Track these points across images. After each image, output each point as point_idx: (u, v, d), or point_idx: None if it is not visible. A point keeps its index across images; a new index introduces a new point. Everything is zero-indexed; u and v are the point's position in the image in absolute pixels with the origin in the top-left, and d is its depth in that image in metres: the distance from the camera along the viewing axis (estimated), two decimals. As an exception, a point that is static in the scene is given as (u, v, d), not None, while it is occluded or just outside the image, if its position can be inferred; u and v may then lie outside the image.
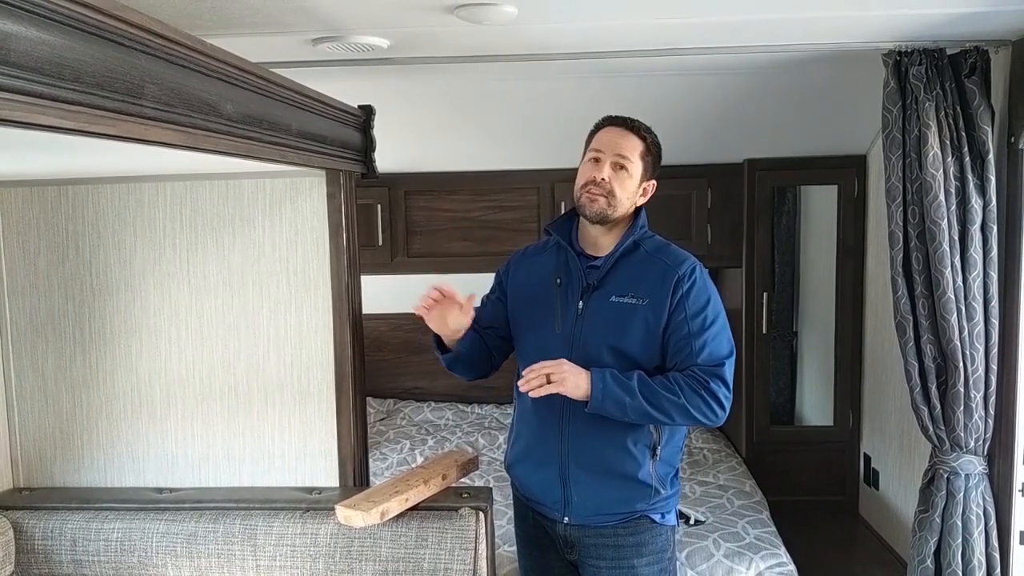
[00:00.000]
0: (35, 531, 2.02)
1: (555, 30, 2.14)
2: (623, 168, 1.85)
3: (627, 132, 1.88)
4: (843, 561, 3.35)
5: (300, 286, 2.16)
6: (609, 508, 1.90)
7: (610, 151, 1.86)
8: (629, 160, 1.85)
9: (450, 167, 3.75)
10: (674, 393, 1.77)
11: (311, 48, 2.20)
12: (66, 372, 2.20)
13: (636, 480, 1.87)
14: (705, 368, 1.80)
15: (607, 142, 1.87)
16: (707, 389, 1.79)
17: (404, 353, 4.63)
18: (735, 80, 2.87)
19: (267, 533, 1.99)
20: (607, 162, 1.85)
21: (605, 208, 1.85)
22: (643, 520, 1.91)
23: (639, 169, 1.87)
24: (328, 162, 1.98)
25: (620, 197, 1.85)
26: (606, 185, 1.84)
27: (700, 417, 1.79)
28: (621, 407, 1.76)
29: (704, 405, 1.78)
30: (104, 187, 2.15)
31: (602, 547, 1.92)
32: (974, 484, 2.37)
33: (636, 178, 1.87)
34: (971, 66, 2.25)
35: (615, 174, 1.85)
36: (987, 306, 2.30)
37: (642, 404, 1.76)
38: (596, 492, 1.89)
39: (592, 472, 1.89)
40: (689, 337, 1.82)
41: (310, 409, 2.19)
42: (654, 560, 1.93)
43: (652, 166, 1.91)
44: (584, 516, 1.91)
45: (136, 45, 1.12)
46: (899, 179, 2.34)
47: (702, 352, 1.81)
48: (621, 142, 1.86)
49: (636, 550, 1.91)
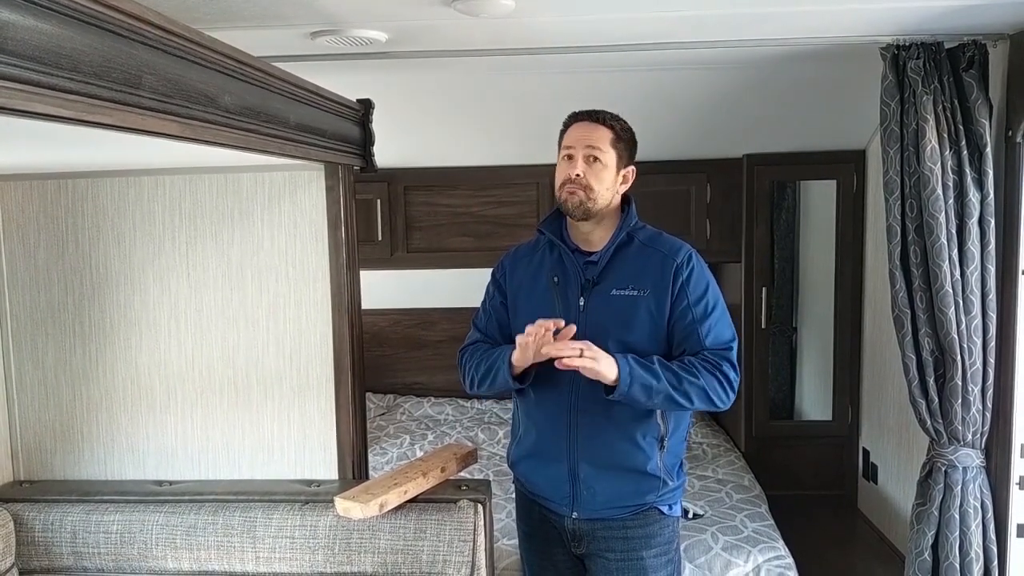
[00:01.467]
0: (35, 523, 2.03)
1: (553, 23, 2.15)
2: (596, 160, 1.86)
3: (594, 124, 1.88)
4: (841, 555, 3.36)
5: (299, 280, 2.16)
6: (620, 501, 1.91)
7: (580, 145, 1.87)
8: (601, 151, 1.86)
9: (449, 162, 3.74)
10: (694, 375, 1.79)
11: (310, 42, 2.20)
12: (66, 365, 2.21)
13: (646, 473, 1.89)
14: (715, 351, 1.83)
15: (576, 137, 1.89)
16: (720, 371, 1.82)
17: (404, 348, 4.64)
18: (734, 75, 2.87)
19: (266, 525, 1.99)
20: (579, 157, 1.87)
21: (585, 202, 1.86)
22: (652, 512, 1.93)
23: (612, 158, 1.88)
24: (327, 155, 1.98)
25: (599, 190, 1.86)
26: (582, 180, 1.85)
27: (716, 399, 1.81)
28: (648, 391, 1.76)
29: (720, 387, 1.81)
30: (103, 181, 2.16)
31: (611, 540, 1.93)
32: (972, 477, 2.37)
33: (611, 167, 1.88)
34: (969, 60, 2.25)
35: (589, 168, 1.86)
36: (985, 299, 2.30)
37: (667, 387, 1.77)
38: (606, 487, 1.90)
39: (602, 468, 1.89)
40: (694, 323, 1.84)
41: (309, 402, 2.20)
42: (662, 552, 1.94)
43: (626, 152, 1.91)
44: (593, 510, 1.92)
45: (134, 36, 1.13)
46: (897, 173, 2.34)
47: (708, 336, 1.84)
48: (590, 135, 1.87)
49: (645, 542, 1.92)
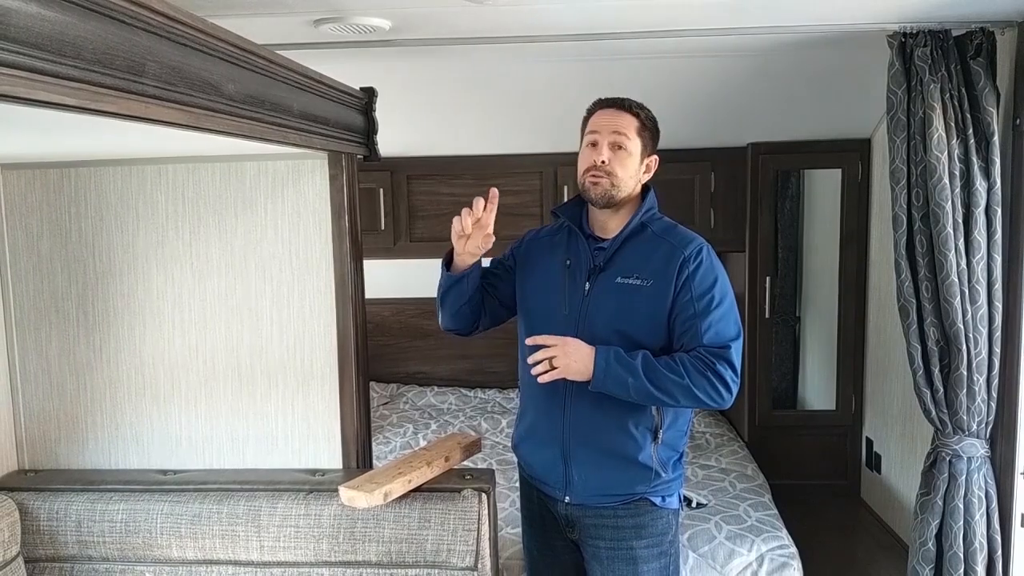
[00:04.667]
0: (40, 512, 2.04)
1: (556, 10, 2.13)
2: (621, 148, 1.85)
3: (620, 111, 1.87)
4: (845, 544, 3.37)
5: (302, 269, 2.16)
6: (609, 489, 1.90)
7: (606, 132, 1.86)
8: (627, 138, 1.85)
9: (453, 151, 3.74)
10: (678, 374, 1.76)
11: (313, 29, 2.19)
12: (70, 354, 2.21)
13: (636, 462, 1.87)
14: (711, 350, 1.79)
15: (602, 124, 1.87)
16: (713, 371, 1.77)
17: (407, 338, 4.64)
18: (739, 63, 2.86)
19: (271, 514, 2.00)
20: (604, 143, 1.85)
21: (609, 189, 1.85)
22: (643, 502, 1.91)
23: (638, 146, 1.87)
24: (330, 144, 1.97)
25: (623, 177, 1.85)
26: (607, 167, 1.84)
27: (706, 399, 1.78)
28: (623, 386, 1.76)
29: (710, 387, 1.77)
30: (106, 169, 2.15)
31: (602, 527, 1.93)
32: (976, 467, 2.37)
33: (636, 155, 1.87)
34: (976, 47, 2.23)
35: (614, 155, 1.85)
36: (991, 289, 2.29)
37: (645, 384, 1.75)
38: (597, 473, 1.90)
39: (593, 452, 1.89)
40: (695, 318, 1.81)
41: (313, 391, 2.20)
42: (653, 543, 1.93)
43: (651, 141, 1.90)
44: (585, 496, 1.92)
45: (137, 23, 1.12)
46: (903, 161, 2.33)
47: (707, 333, 1.80)
48: (616, 121, 1.86)
49: (635, 532, 1.91)
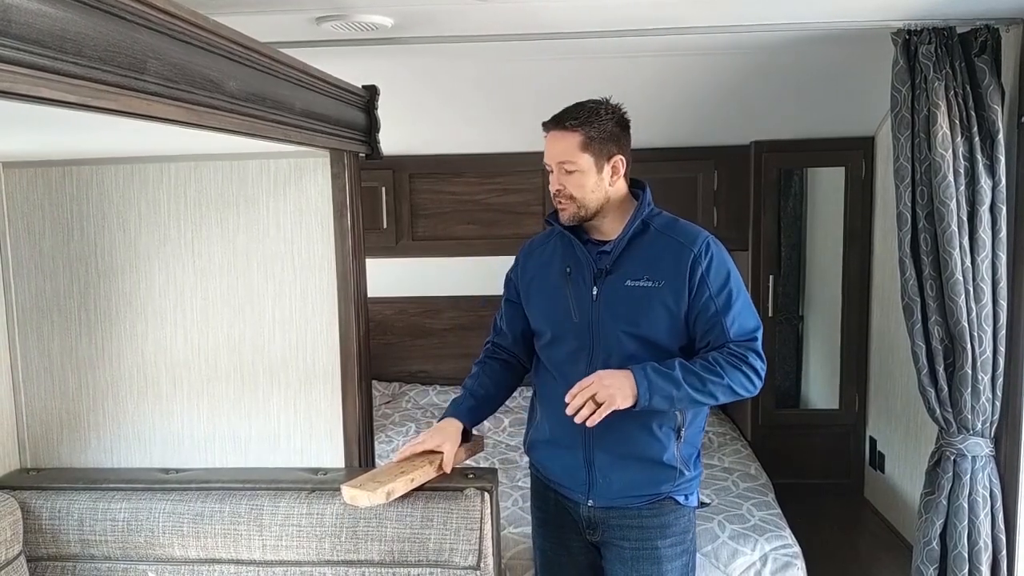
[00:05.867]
0: (42, 511, 2.03)
1: (559, 8, 2.12)
2: (571, 172, 1.83)
3: (561, 132, 1.83)
4: (848, 544, 3.36)
5: (305, 267, 2.15)
6: (635, 491, 1.90)
7: (552, 160, 1.85)
8: (570, 161, 1.82)
9: (455, 150, 3.73)
10: (717, 375, 1.77)
11: (315, 27, 2.19)
12: (72, 353, 2.20)
13: (661, 463, 1.87)
14: (740, 343, 1.81)
15: (548, 152, 1.86)
16: (747, 363, 1.79)
17: (409, 337, 4.63)
18: (742, 60, 2.85)
19: (273, 513, 1.99)
20: (554, 172, 1.85)
21: (577, 212, 1.85)
22: (668, 502, 1.91)
23: (587, 162, 1.82)
24: (332, 142, 1.96)
25: (583, 196, 1.83)
26: (565, 192, 1.84)
27: (742, 392, 1.80)
28: (669, 400, 1.76)
29: (746, 380, 1.80)
30: (108, 168, 2.14)
31: (627, 528, 1.92)
32: (981, 466, 2.36)
33: (589, 170, 1.82)
34: (981, 45, 2.22)
35: (568, 178, 1.83)
36: (995, 287, 2.28)
37: (688, 392, 1.75)
38: (622, 476, 1.89)
39: (618, 456, 1.88)
40: (718, 315, 1.81)
41: (315, 390, 2.19)
42: (676, 541, 1.93)
43: (605, 145, 1.83)
44: (609, 498, 1.91)
45: (139, 20, 1.11)
46: (908, 159, 2.32)
47: (733, 327, 1.81)
48: (557, 147, 1.84)
49: (660, 531, 1.91)
